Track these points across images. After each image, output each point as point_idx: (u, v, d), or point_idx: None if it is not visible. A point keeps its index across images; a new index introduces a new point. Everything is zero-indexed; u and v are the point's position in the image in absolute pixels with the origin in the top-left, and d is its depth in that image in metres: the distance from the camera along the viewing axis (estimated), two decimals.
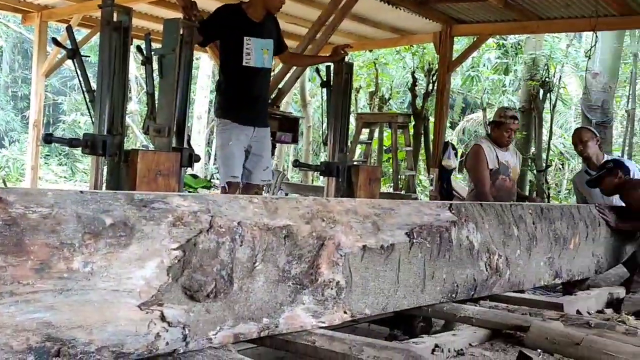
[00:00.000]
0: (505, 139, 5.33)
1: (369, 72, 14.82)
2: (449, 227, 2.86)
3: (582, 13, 7.00)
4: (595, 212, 4.46)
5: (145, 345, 1.81)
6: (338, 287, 2.35)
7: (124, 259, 1.76)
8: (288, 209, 2.28)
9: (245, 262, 2.07)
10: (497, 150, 5.34)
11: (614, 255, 4.70)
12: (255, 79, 4.58)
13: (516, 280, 3.40)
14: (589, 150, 5.29)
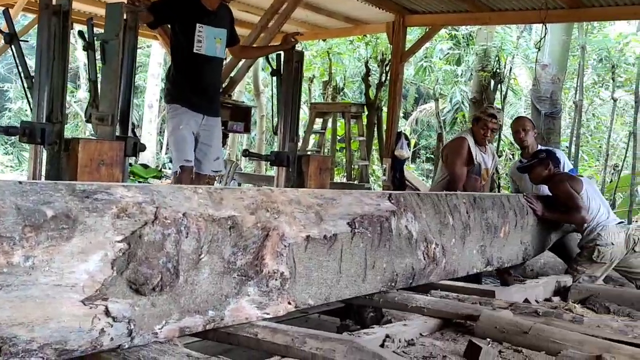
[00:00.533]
0: (481, 136, 5.23)
1: (323, 62, 14.84)
2: (389, 217, 2.92)
3: (533, 5, 7.15)
4: (524, 201, 4.60)
5: (89, 342, 1.80)
6: (282, 278, 2.39)
7: (67, 253, 1.74)
8: (233, 199, 2.30)
9: (190, 254, 2.09)
10: (477, 148, 5.27)
11: (540, 242, 4.88)
12: (206, 67, 4.55)
13: (451, 268, 3.49)
14: (529, 139, 5.41)
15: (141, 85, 21.58)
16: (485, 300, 3.21)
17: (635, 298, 3.81)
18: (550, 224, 5.01)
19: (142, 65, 22.22)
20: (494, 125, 5.21)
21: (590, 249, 4.71)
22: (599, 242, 4.70)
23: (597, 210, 4.83)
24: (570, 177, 5.04)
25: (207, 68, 4.57)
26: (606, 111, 18.66)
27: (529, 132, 5.40)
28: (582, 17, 8.17)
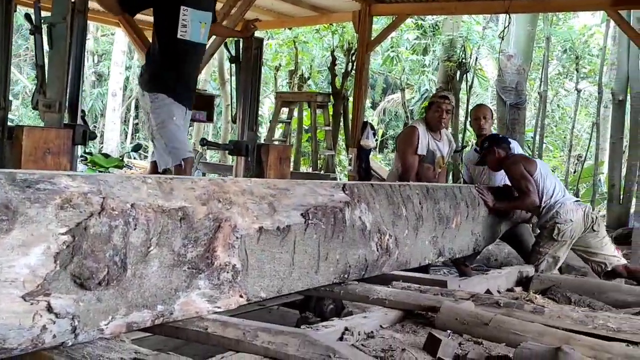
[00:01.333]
0: (436, 120, 5.17)
1: (289, 51, 14.74)
2: (343, 208, 2.88)
3: None
4: (475, 192, 4.60)
5: (30, 339, 1.73)
6: (234, 270, 2.33)
7: (6, 246, 1.66)
8: (184, 189, 2.23)
9: (139, 247, 2.02)
10: (430, 136, 5.22)
11: (490, 233, 4.91)
12: (189, 54, 4.27)
13: (404, 259, 3.47)
14: (487, 128, 5.42)
15: (105, 73, 21.25)
16: (447, 291, 3.19)
17: (596, 288, 3.84)
18: (500, 215, 5.04)
19: (106, 53, 21.89)
20: (447, 106, 5.17)
21: (550, 227, 4.77)
22: (557, 220, 4.76)
23: (553, 189, 4.90)
24: (524, 157, 5.12)
25: (190, 55, 4.29)
26: (571, 102, 18.92)
27: (488, 120, 5.41)
28: (546, 7, 8.24)
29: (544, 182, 4.88)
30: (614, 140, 11.84)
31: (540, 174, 4.89)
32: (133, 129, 23.71)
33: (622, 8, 7.61)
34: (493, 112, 5.47)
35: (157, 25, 4.34)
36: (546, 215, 4.82)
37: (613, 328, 2.59)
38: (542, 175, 4.90)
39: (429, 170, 5.22)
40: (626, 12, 9.78)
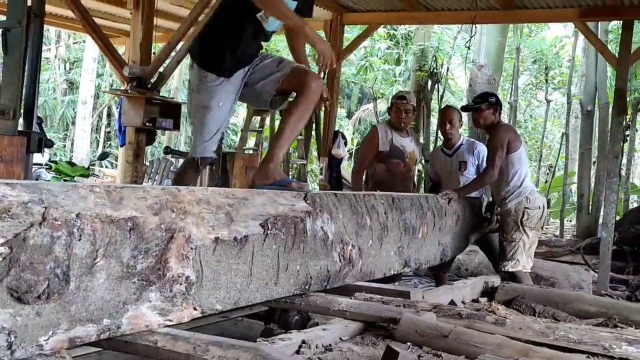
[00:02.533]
0: (398, 120, 5.32)
1: None
2: (304, 218, 2.82)
3: (468, 6, 7.21)
4: (442, 201, 4.57)
5: None
6: (188, 282, 2.26)
7: None
8: (134, 199, 2.15)
9: (84, 258, 1.94)
10: (394, 133, 5.33)
11: (458, 243, 4.90)
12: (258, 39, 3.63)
13: (368, 270, 3.42)
14: (454, 132, 5.43)
15: (76, 81, 21.02)
16: (410, 302, 3.14)
17: (560, 298, 3.82)
18: (469, 225, 5.02)
19: (78, 61, 21.65)
20: (405, 106, 5.30)
21: (518, 213, 4.77)
22: (527, 206, 4.79)
23: (526, 175, 4.93)
24: (515, 133, 5.03)
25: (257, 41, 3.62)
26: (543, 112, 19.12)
27: (455, 124, 5.41)
28: (515, 19, 8.32)
29: (521, 164, 4.90)
30: (582, 151, 11.99)
31: (522, 154, 4.91)
32: (105, 137, 23.47)
33: (590, 20, 7.72)
34: (462, 115, 5.48)
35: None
36: (514, 200, 4.83)
37: (574, 339, 2.56)
38: (522, 158, 4.92)
39: (398, 165, 5.31)
40: (594, 24, 9.93)
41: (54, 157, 15.93)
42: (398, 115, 5.32)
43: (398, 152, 5.32)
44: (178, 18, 8.75)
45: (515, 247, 4.77)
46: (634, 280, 7.36)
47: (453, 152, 5.39)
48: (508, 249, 4.81)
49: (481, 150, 5.37)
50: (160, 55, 5.86)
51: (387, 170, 5.33)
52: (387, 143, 5.30)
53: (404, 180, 5.34)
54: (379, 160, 5.36)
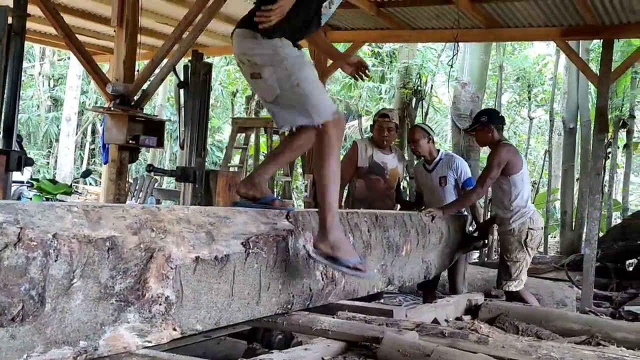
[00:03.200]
0: (380, 138, 5.30)
1: None
2: (286, 236, 2.80)
3: (451, 24, 7.26)
4: (426, 218, 4.56)
5: None
6: (167, 302, 2.22)
7: None
8: (113, 218, 2.13)
9: (60, 279, 1.91)
10: (374, 150, 5.33)
11: (442, 260, 4.89)
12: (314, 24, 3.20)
13: (351, 288, 3.39)
14: (420, 149, 5.42)
15: (61, 98, 20.92)
16: (393, 321, 3.12)
17: (543, 316, 3.82)
18: (454, 242, 5.03)
19: (62, 78, 21.56)
20: (387, 124, 5.29)
21: (522, 233, 4.76)
22: (531, 226, 4.81)
23: (528, 195, 4.92)
24: (515, 153, 4.94)
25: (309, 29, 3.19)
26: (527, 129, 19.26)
27: (419, 141, 5.41)
28: (497, 37, 8.40)
29: (524, 185, 4.89)
30: (565, 168, 12.07)
31: (524, 175, 4.91)
32: (89, 155, 23.33)
33: (571, 39, 7.81)
34: (429, 132, 5.50)
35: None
36: (518, 220, 4.81)
37: (556, 358, 2.55)
38: (524, 179, 4.92)
39: (378, 182, 5.30)
40: (575, 43, 10.05)
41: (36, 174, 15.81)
42: (380, 132, 5.31)
43: (378, 168, 5.32)
44: (162, 35, 8.77)
45: (519, 267, 4.78)
46: (618, 297, 7.39)
47: (433, 167, 5.40)
48: (513, 269, 4.80)
49: (459, 164, 5.39)
50: (144, 73, 5.83)
51: (366, 186, 5.31)
52: (366, 159, 5.30)
53: (383, 197, 5.32)
54: (359, 176, 5.34)
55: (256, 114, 12.67)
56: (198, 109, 4.30)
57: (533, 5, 6.79)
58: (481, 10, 7.11)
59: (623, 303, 7.05)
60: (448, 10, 7.17)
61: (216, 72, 18.29)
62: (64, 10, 7.58)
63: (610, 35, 7.21)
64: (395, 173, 5.45)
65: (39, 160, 20.28)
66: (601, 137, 7.22)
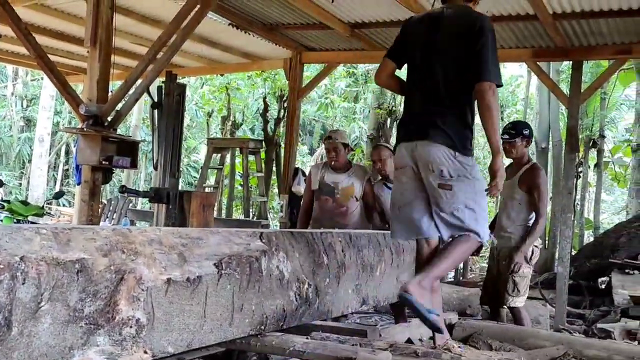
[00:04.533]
0: (329, 159, 5.50)
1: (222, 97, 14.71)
2: (259, 257, 2.79)
3: None
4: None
5: None
6: (138, 324, 2.20)
7: None
8: (83, 240, 2.11)
9: (28, 303, 1.89)
10: (327, 172, 5.48)
11: None
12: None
13: (325, 308, 3.39)
14: (387, 168, 5.50)
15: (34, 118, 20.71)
16: (367, 341, 3.12)
17: (516, 335, 3.84)
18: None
19: (35, 98, 21.36)
20: (332, 145, 5.46)
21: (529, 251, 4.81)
22: (536, 244, 4.85)
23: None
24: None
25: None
26: None
27: (386, 160, 5.49)
28: None
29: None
30: None
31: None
32: (63, 176, 23.07)
33: (541, 60, 7.95)
34: (391, 149, 5.55)
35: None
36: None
37: None
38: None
39: (326, 201, 5.42)
40: (546, 64, 10.23)
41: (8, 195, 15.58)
42: (328, 153, 5.52)
43: (328, 188, 5.44)
44: (136, 56, 8.75)
45: (527, 283, 4.81)
46: (591, 315, 7.45)
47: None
48: (521, 284, 4.81)
49: None
50: (118, 93, 5.78)
51: (318, 207, 5.47)
52: (317, 182, 5.48)
53: (332, 216, 5.40)
54: (316, 199, 5.51)
55: (232, 134, 12.67)
56: (172, 129, 4.28)
57: (505, 27, 6.91)
58: None
59: (596, 321, 7.11)
60: None
61: (192, 92, 18.30)
62: (36, 31, 7.55)
63: (580, 56, 7.36)
64: (348, 192, 5.51)
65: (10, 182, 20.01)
66: (572, 156, 7.33)
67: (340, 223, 5.31)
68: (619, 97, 16.07)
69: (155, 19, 7.53)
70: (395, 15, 6.99)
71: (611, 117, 16.33)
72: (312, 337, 3.13)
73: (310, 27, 7.71)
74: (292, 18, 7.47)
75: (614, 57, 7.32)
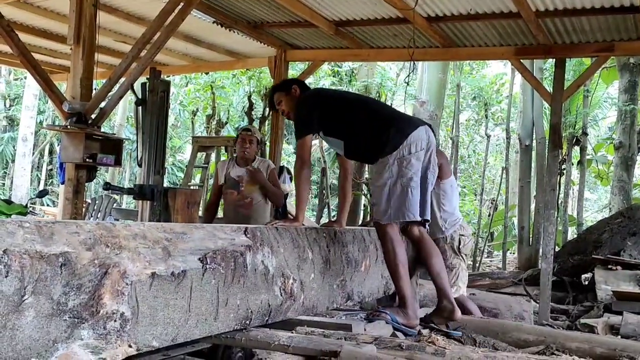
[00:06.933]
0: (241, 150, 5.56)
1: (207, 95, 14.67)
2: (244, 252, 2.80)
3: (408, 43, 7.39)
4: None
5: None
6: (123, 318, 2.20)
7: None
8: (66, 234, 2.10)
9: (11, 296, 1.88)
10: (233, 166, 5.57)
11: None
12: None
13: (310, 303, 3.40)
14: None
15: (17, 118, 20.53)
16: (351, 335, 3.13)
17: (499, 328, 3.87)
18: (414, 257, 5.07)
19: (18, 97, 21.18)
20: (249, 137, 5.56)
21: (454, 240, 4.92)
22: (462, 233, 4.91)
23: (457, 204, 5.03)
24: (447, 159, 5.14)
25: None
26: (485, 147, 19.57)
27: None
28: (453, 56, 8.57)
29: (453, 192, 4.98)
30: (522, 184, 12.30)
31: (453, 182, 5.00)
32: (47, 175, 22.89)
33: (524, 57, 8.01)
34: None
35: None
36: (451, 229, 4.91)
37: None
38: (453, 185, 5.01)
39: (232, 194, 5.51)
40: (530, 62, 10.30)
41: None
42: (242, 145, 5.56)
43: (232, 182, 5.52)
44: (120, 54, 8.72)
45: (456, 273, 4.87)
46: (574, 310, 7.52)
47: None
48: (450, 276, 4.84)
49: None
50: (101, 91, 5.76)
51: (225, 200, 5.57)
52: (223, 176, 5.55)
53: (235, 208, 5.49)
54: (223, 193, 5.59)
55: (217, 133, 12.64)
56: (156, 126, 4.27)
57: (488, 25, 6.96)
58: (438, 30, 7.26)
59: (579, 316, 7.18)
60: (405, 29, 7.30)
61: (176, 91, 18.22)
62: (19, 29, 7.51)
63: (562, 54, 7.43)
64: (250, 186, 5.61)
65: None
66: (555, 153, 7.39)
67: (243, 214, 5.42)
68: (602, 95, 16.22)
69: (139, 16, 7.51)
70: (380, 13, 7.03)
71: (594, 115, 16.46)
72: (297, 331, 3.14)
73: (295, 25, 7.72)
74: (277, 16, 7.48)
75: (596, 54, 7.39)
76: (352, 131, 3.80)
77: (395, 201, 3.57)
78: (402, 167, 3.58)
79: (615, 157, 11.89)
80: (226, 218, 5.36)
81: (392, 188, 3.58)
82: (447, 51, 7.94)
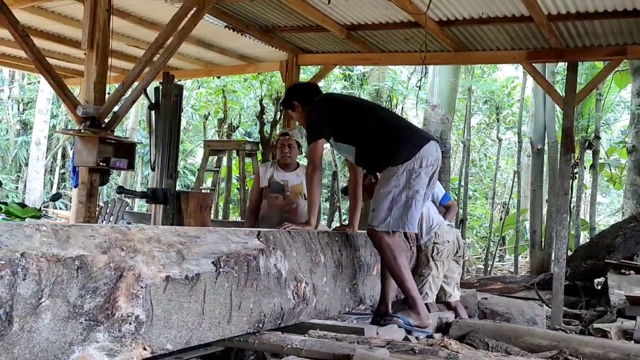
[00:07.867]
0: (282, 155, 5.49)
1: (218, 99, 14.70)
2: (257, 255, 2.81)
3: (420, 48, 7.40)
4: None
5: None
6: (137, 321, 2.22)
7: None
8: (82, 237, 2.13)
9: (28, 298, 1.90)
10: (276, 170, 5.52)
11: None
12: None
13: (322, 307, 3.41)
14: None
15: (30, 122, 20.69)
16: (364, 339, 3.14)
17: (512, 333, 3.86)
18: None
19: (32, 101, 21.33)
20: (288, 141, 5.50)
21: (429, 248, 4.89)
22: (436, 241, 4.91)
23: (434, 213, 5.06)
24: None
25: None
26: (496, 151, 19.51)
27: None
28: (465, 60, 8.55)
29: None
30: (534, 188, 12.24)
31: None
32: (59, 179, 23.02)
33: (536, 61, 7.98)
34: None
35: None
36: (426, 237, 4.91)
37: None
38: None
39: (276, 199, 5.45)
40: (541, 66, 10.27)
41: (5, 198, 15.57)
42: (282, 150, 5.50)
43: (277, 186, 5.47)
44: (133, 58, 8.77)
45: (423, 281, 4.88)
46: (587, 315, 7.48)
47: None
48: (418, 283, 4.85)
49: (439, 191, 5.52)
50: (115, 95, 5.80)
51: (267, 204, 5.49)
52: (265, 179, 5.50)
53: (281, 213, 5.41)
54: (264, 197, 5.53)
55: (228, 137, 12.68)
56: (169, 130, 4.29)
57: (500, 29, 6.95)
58: (449, 34, 7.26)
59: (592, 321, 7.14)
60: (417, 33, 7.30)
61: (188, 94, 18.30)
62: (34, 34, 7.58)
63: (574, 57, 7.41)
64: (298, 189, 5.55)
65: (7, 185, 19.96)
66: (568, 157, 7.37)
67: (289, 219, 5.37)
68: (614, 98, 16.12)
69: (151, 21, 7.55)
70: (391, 17, 7.04)
71: (606, 118, 16.37)
72: (310, 335, 3.15)
73: (307, 30, 7.74)
74: (288, 20, 7.50)
75: (608, 58, 7.36)
76: (362, 137, 3.83)
77: (396, 210, 3.60)
78: (411, 179, 3.62)
79: (628, 161, 11.81)
80: (268, 222, 5.26)
81: (397, 197, 3.61)
82: (459, 55, 7.94)
